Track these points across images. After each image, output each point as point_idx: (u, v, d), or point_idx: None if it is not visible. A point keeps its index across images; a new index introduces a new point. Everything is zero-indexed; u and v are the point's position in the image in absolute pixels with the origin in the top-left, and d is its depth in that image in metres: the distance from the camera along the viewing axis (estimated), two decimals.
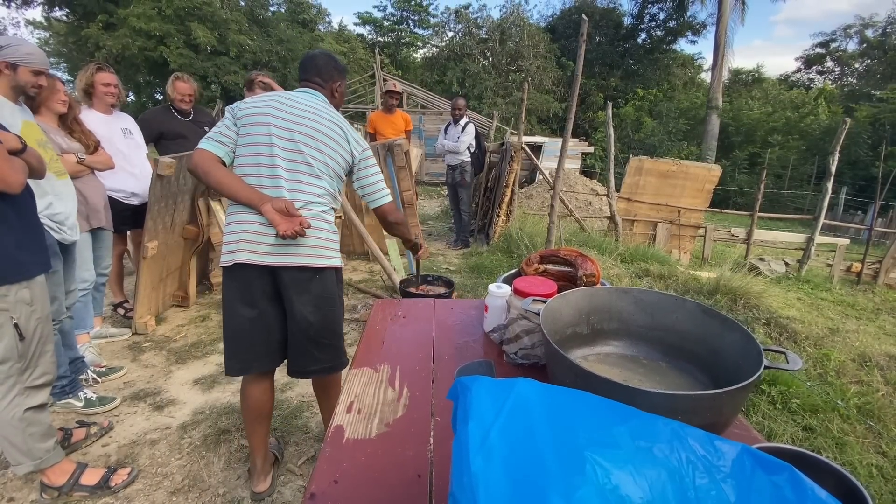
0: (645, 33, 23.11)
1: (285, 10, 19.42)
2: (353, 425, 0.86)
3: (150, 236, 2.74)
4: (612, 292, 1.04)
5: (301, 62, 1.68)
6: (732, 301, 3.76)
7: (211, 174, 1.44)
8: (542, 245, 4.62)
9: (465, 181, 5.34)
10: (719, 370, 0.91)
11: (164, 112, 3.35)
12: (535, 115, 19.33)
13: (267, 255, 1.44)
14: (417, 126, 12.48)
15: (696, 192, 6.26)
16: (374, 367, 1.07)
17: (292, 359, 1.60)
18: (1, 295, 1.36)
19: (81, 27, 16.72)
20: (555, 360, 0.81)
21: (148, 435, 2.03)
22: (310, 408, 2.25)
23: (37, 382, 1.49)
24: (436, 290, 3.10)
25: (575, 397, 0.46)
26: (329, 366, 1.62)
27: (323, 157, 1.52)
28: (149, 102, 18.89)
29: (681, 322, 0.99)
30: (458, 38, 20.80)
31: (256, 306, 1.49)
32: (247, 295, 1.48)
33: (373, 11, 23.76)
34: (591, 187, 8.83)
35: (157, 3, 15.29)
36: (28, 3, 17.22)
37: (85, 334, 2.56)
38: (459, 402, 0.48)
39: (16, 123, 1.75)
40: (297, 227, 1.39)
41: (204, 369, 2.60)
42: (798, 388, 2.58)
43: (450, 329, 1.28)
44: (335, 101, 1.68)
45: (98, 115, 2.76)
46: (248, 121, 1.48)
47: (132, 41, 14.88)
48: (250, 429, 1.66)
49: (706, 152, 16.69)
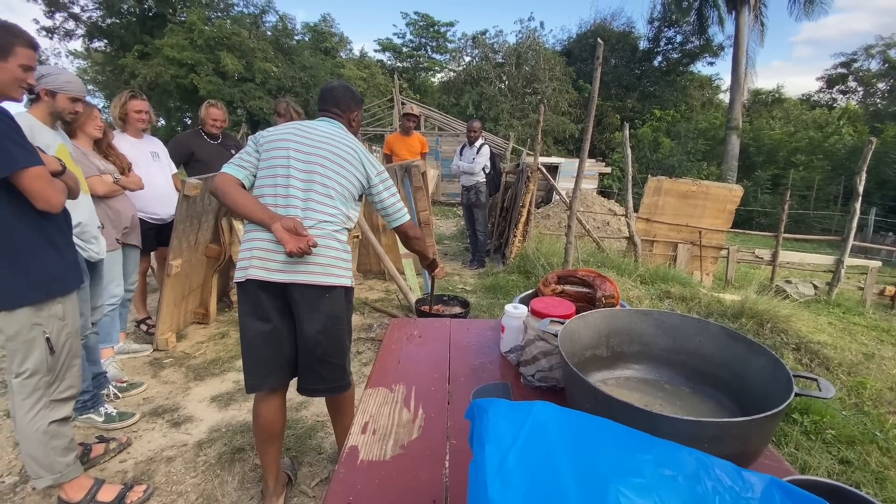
0: (661, 56, 23.19)
1: (309, 39, 20.21)
2: (368, 446, 0.85)
3: (174, 254, 2.81)
4: (632, 314, 1.02)
5: (320, 94, 1.76)
6: (759, 325, 3.63)
7: (228, 195, 1.51)
8: (559, 265, 4.57)
9: (481, 201, 5.37)
10: (746, 397, 0.87)
11: (194, 136, 3.50)
12: (552, 136, 19.44)
13: (277, 272, 1.47)
14: (434, 147, 12.67)
15: (718, 213, 6.15)
16: (389, 387, 1.06)
17: (301, 376, 1.62)
18: (36, 310, 1.41)
19: (118, 57, 17.69)
20: (574, 384, 0.79)
21: (164, 452, 2.04)
22: (324, 427, 2.23)
23: (62, 395, 1.52)
24: (451, 311, 3.09)
25: (594, 423, 0.45)
26: (334, 385, 1.64)
27: (338, 178, 1.57)
28: (178, 126, 19.70)
29: (704, 346, 0.96)
30: (475, 63, 21.22)
31: (269, 320, 1.52)
32: (259, 310, 1.51)
33: (392, 38, 24.55)
34: (608, 207, 8.77)
35: (190, 34, 16.10)
36: (70, 35, 18.35)
37: (109, 349, 2.62)
38: (475, 425, 0.48)
39: (52, 146, 1.84)
40: (303, 245, 1.43)
41: (221, 386, 2.61)
42: (833, 417, 2.45)
43: (465, 350, 1.26)
44: (353, 129, 1.77)
45: (129, 138, 2.89)
46: (269, 146, 1.56)
47: (165, 69, 15.64)
48: (262, 449, 1.66)
49: (727, 173, 16.45)
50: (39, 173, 1.37)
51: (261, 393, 1.59)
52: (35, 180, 1.35)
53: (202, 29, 16.16)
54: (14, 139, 1.32)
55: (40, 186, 1.37)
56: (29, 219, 1.40)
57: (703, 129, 19.33)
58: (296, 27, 20.18)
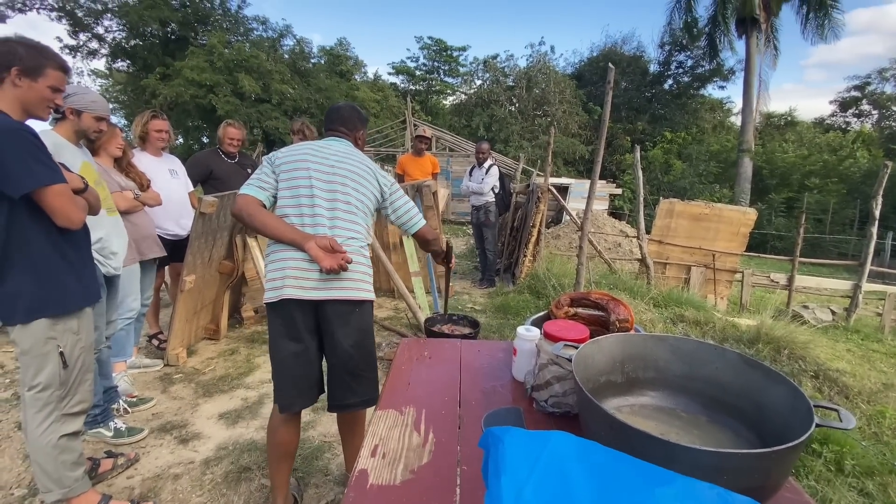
0: (672, 79, 23.36)
1: (325, 62, 20.76)
2: (378, 470, 0.84)
3: (188, 270, 2.85)
4: (647, 339, 1.00)
5: (327, 114, 1.82)
6: (776, 351, 3.54)
7: (255, 217, 1.53)
8: (570, 286, 4.54)
9: (490, 221, 5.39)
10: (765, 427, 0.85)
11: (212, 154, 3.59)
12: (562, 157, 19.54)
13: (312, 290, 1.50)
14: (445, 168, 12.80)
15: (731, 236, 6.09)
16: (399, 410, 1.05)
17: (332, 392, 1.63)
18: (52, 324, 1.44)
19: (140, 77, 18.32)
20: (589, 411, 0.77)
21: (172, 469, 2.03)
22: (331, 448, 2.21)
23: (74, 410, 1.53)
24: (461, 331, 3.06)
25: (612, 456, 0.44)
26: (368, 398, 1.65)
27: (358, 195, 1.62)
28: (196, 145, 20.21)
29: (721, 373, 0.94)
30: (486, 86, 21.57)
31: (301, 340, 1.54)
32: (292, 330, 1.53)
33: (406, 62, 25.12)
34: (619, 229, 8.73)
35: (210, 56, 16.66)
36: (93, 54, 19.08)
37: (122, 362, 2.64)
38: (490, 454, 0.47)
39: (76, 164, 1.90)
40: (340, 262, 1.46)
41: (229, 403, 2.61)
42: (852, 447, 2.36)
43: (476, 372, 1.25)
44: (358, 147, 1.82)
45: (149, 156, 2.98)
46: (288, 167, 1.59)
47: (185, 90, 16.14)
48: (274, 467, 1.64)
49: (739, 195, 16.31)
50: (61, 191, 1.40)
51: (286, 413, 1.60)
52: (57, 198, 1.39)
53: (222, 52, 16.72)
54: (38, 157, 1.35)
55: (61, 204, 1.40)
56: (48, 234, 1.43)
57: (715, 152, 19.29)
58: (312, 50, 20.79)
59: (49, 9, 17.05)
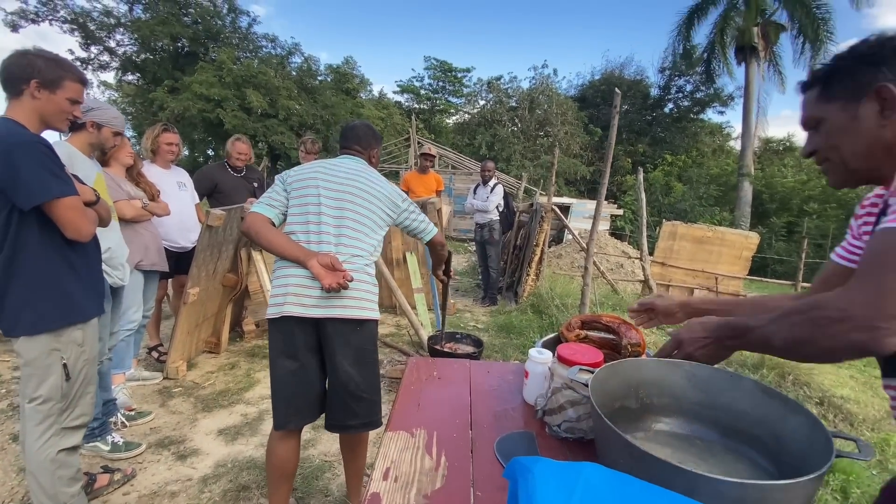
0: (672, 103, 23.71)
1: (331, 80, 21.10)
2: (391, 494, 0.82)
3: (192, 283, 2.85)
4: (661, 365, 1.00)
5: (342, 132, 1.84)
6: (780, 377, 3.51)
7: (261, 234, 1.55)
8: (573, 306, 4.52)
9: (494, 239, 5.40)
10: (782, 456, 0.84)
11: (219, 168, 3.63)
12: (563, 177, 19.67)
13: (313, 308, 1.49)
14: (448, 185, 12.89)
15: (734, 259, 6.10)
16: (410, 432, 1.03)
17: (331, 413, 1.61)
18: (56, 335, 1.43)
19: (149, 90, 18.58)
20: (607, 438, 0.76)
21: (169, 486, 1.99)
22: (331, 468, 2.17)
23: (73, 423, 1.51)
24: (464, 349, 3.04)
25: (648, 490, 0.43)
26: (367, 421, 1.62)
27: (366, 212, 1.62)
28: (201, 157, 20.38)
29: (738, 401, 0.93)
30: (489, 106, 21.86)
31: (298, 359, 1.53)
32: (290, 347, 1.52)
33: (412, 81, 25.52)
34: (621, 249, 8.74)
35: (219, 71, 16.94)
36: (104, 67, 19.40)
37: (121, 374, 2.61)
38: (521, 486, 0.46)
39: (90, 175, 1.91)
40: (340, 280, 1.45)
41: (229, 419, 2.57)
42: (858, 475, 2.33)
43: (487, 394, 1.24)
44: (372, 165, 1.84)
45: (158, 168, 3.00)
46: (299, 185, 1.61)
47: (193, 104, 16.36)
48: (273, 488, 1.61)
49: (739, 219, 16.38)
50: (73, 204, 1.40)
51: (280, 430, 1.57)
52: (67, 210, 1.39)
53: (231, 67, 17.00)
54: (51, 168, 1.36)
55: (72, 217, 1.40)
56: (56, 246, 1.43)
57: (715, 175, 19.44)
58: (319, 68, 21.14)
59: (62, 21, 17.40)
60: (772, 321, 0.77)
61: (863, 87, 0.77)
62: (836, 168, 0.86)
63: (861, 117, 0.78)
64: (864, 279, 0.68)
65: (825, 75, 0.83)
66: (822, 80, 0.83)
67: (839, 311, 0.67)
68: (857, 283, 0.69)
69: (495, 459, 0.93)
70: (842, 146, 0.82)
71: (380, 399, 1.67)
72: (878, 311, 0.64)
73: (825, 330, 0.69)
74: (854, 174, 0.84)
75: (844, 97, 0.80)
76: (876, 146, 0.78)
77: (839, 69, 0.81)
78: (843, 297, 0.68)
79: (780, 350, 0.77)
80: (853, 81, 0.79)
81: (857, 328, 0.65)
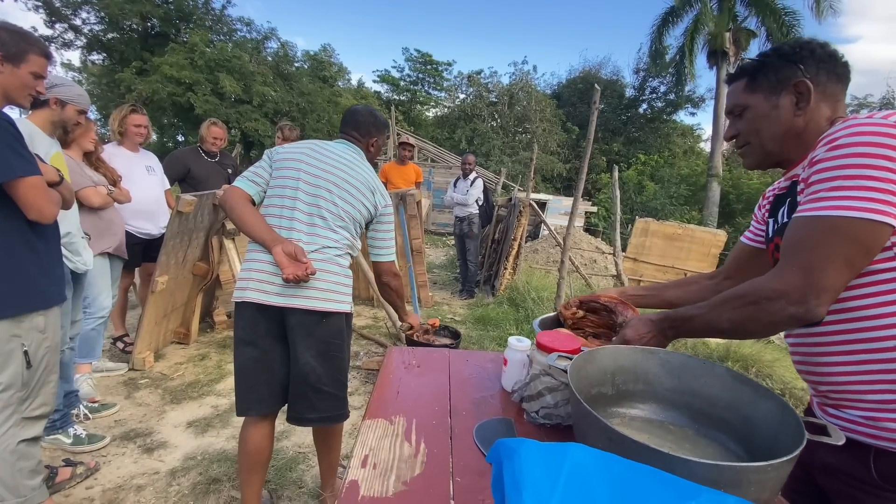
0: (646, 104, 24.23)
1: (308, 67, 20.61)
2: (369, 482, 0.81)
3: (161, 271, 2.75)
4: (637, 352, 1.02)
5: (344, 115, 1.77)
6: (744, 369, 3.66)
7: (235, 209, 1.50)
8: (549, 299, 4.58)
9: (473, 232, 5.42)
10: (753, 440, 0.87)
11: (192, 153, 3.50)
12: (540, 173, 19.88)
13: (274, 296, 1.45)
14: (427, 178, 12.84)
15: (703, 256, 6.30)
16: (388, 419, 1.02)
17: (291, 404, 1.56)
18: (17, 321, 1.35)
19: (116, 71, 17.75)
20: (586, 422, 0.77)
21: (135, 479, 1.92)
22: (306, 460, 2.14)
23: (35, 413, 1.44)
24: (441, 341, 3.04)
25: (633, 468, 0.44)
26: (328, 416, 1.57)
27: (344, 205, 1.56)
28: (170, 142, 19.63)
29: (709, 387, 0.96)
30: (469, 100, 21.85)
31: (259, 346, 1.49)
32: (251, 334, 1.49)
33: (391, 71, 25.21)
34: (595, 245, 8.91)
35: (191, 54, 16.30)
36: (69, 45, 18.41)
37: (87, 364, 2.51)
38: (505, 468, 0.45)
39: (49, 154, 1.81)
40: (301, 272, 1.40)
41: (199, 411, 2.50)
42: None
43: (466, 382, 1.24)
44: (370, 155, 1.75)
45: (125, 151, 2.87)
46: (282, 164, 1.56)
47: (162, 87, 15.71)
48: (245, 478, 1.57)
49: (707, 218, 16.93)
50: (36, 183, 1.34)
51: (250, 417, 1.54)
52: (30, 190, 1.32)
53: (204, 50, 16.38)
54: (14, 147, 1.29)
55: (35, 197, 1.34)
56: (17, 228, 1.36)
57: (686, 175, 20.02)
58: (296, 54, 20.62)
59: None
60: (713, 307, 0.89)
61: (784, 82, 0.90)
62: (755, 150, 0.98)
63: (780, 106, 0.91)
64: (791, 261, 0.78)
65: (753, 69, 0.96)
66: (750, 73, 0.96)
67: (775, 292, 0.79)
68: (786, 265, 0.79)
69: (474, 446, 0.94)
70: (762, 131, 0.94)
71: (344, 394, 1.61)
72: (809, 287, 0.75)
73: (765, 308, 0.80)
74: (769, 157, 0.97)
75: (768, 89, 0.92)
76: (790, 133, 0.91)
77: (765, 65, 0.93)
78: (776, 279, 0.80)
79: (727, 331, 0.90)
80: (776, 76, 0.91)
81: (793, 303, 0.77)
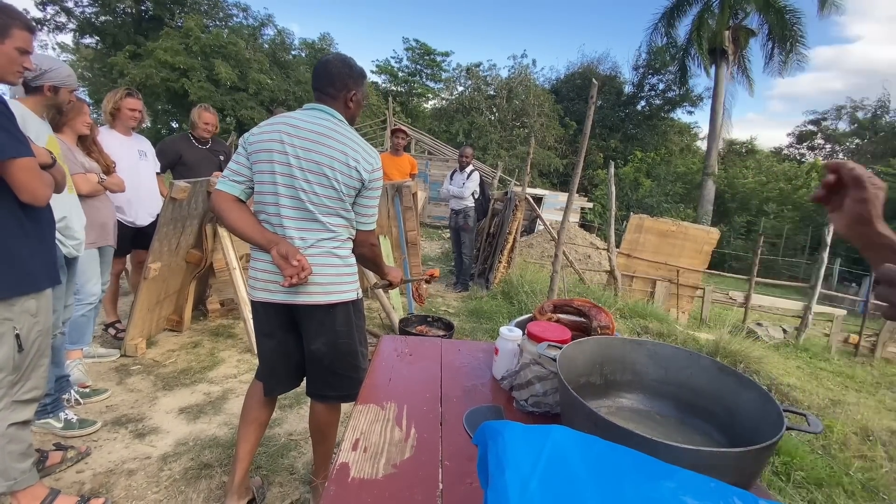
0: (644, 101, 24.19)
1: (305, 55, 20.39)
2: (359, 464, 0.83)
3: (154, 257, 2.73)
4: (625, 343, 1.03)
5: (314, 69, 1.53)
6: (732, 364, 3.68)
7: (225, 216, 1.45)
8: (542, 293, 4.61)
9: (468, 226, 5.42)
10: (735, 430, 0.89)
11: (183, 140, 3.46)
12: (537, 168, 19.88)
13: (279, 294, 1.48)
14: (423, 171, 12.79)
15: (695, 253, 6.35)
16: (380, 405, 1.04)
17: (310, 382, 1.64)
18: (8, 304, 1.34)
19: (109, 55, 17.47)
20: (573, 409, 0.79)
21: (126, 464, 1.92)
22: (297, 447, 2.15)
23: (25, 397, 1.44)
24: (435, 333, 3.06)
25: (613, 449, 0.45)
26: (345, 394, 1.63)
27: (326, 191, 1.43)
28: (164, 129, 19.40)
29: (695, 378, 0.98)
30: (468, 93, 21.72)
31: (275, 336, 1.56)
32: (266, 326, 1.56)
33: (390, 61, 24.97)
34: (590, 241, 8.95)
35: (186, 39, 16.07)
36: (60, 28, 18.08)
37: (78, 350, 2.50)
38: (490, 449, 0.47)
39: (42, 137, 1.79)
40: (296, 277, 1.38)
41: (191, 398, 2.51)
42: (802, 458, 2.50)
43: (457, 371, 1.25)
44: (350, 112, 1.55)
45: (118, 135, 2.84)
46: (257, 157, 1.43)
47: (156, 72, 15.50)
48: (242, 432, 1.64)
49: (702, 216, 17.05)
50: (28, 165, 1.32)
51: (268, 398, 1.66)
52: (23, 172, 1.31)
53: (199, 36, 16.15)
54: (6, 127, 1.28)
55: (27, 178, 1.33)
56: (9, 210, 1.35)
57: (681, 173, 20.11)
58: (294, 42, 20.39)
59: None
60: None
61: None
62: None
63: None
64: None
65: None
66: None
67: None
68: None
69: (464, 431, 0.95)
70: None
71: (359, 375, 1.60)
72: None
73: None
74: None
75: None
76: None
77: None
78: None
79: None
80: None
81: None
